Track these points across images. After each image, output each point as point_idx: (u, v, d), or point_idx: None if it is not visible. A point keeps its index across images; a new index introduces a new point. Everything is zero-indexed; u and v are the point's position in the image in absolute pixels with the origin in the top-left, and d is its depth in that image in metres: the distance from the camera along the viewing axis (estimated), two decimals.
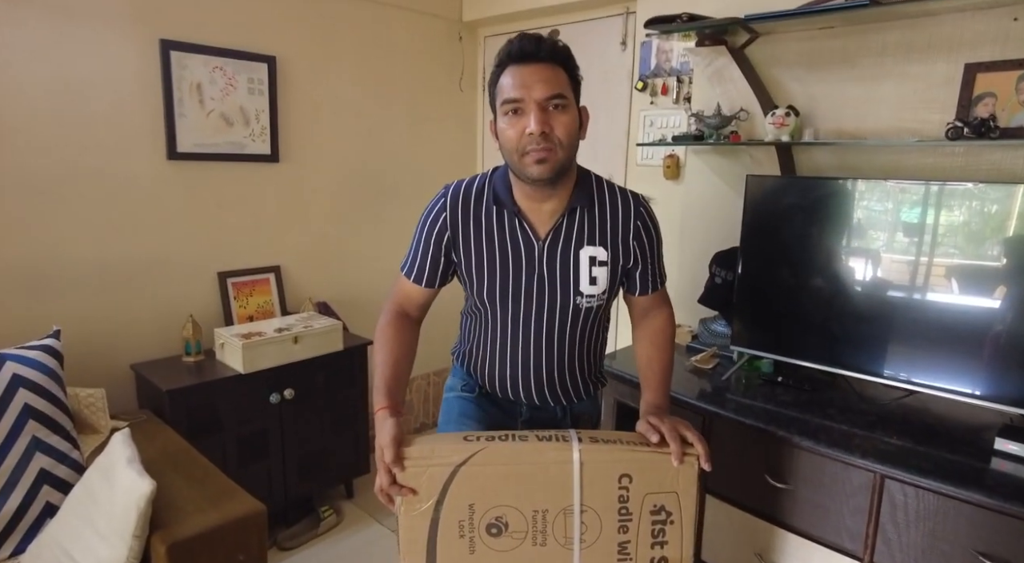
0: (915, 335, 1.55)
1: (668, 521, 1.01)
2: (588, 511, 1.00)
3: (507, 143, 1.05)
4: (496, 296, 1.16)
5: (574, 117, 1.06)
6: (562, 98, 1.03)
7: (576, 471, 0.99)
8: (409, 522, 0.99)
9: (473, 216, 1.15)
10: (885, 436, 1.45)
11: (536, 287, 1.15)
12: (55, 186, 1.92)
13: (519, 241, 1.14)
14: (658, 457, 1.01)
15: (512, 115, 1.03)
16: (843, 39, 1.78)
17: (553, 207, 1.13)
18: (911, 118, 1.68)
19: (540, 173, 1.03)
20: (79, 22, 1.91)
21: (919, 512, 1.31)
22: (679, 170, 2.26)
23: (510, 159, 1.07)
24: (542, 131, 1.01)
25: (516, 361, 1.22)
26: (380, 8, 2.66)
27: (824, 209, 1.69)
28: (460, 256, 1.16)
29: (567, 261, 1.15)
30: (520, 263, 1.14)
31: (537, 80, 1.01)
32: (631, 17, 2.45)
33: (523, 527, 1.00)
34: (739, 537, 1.63)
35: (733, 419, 1.58)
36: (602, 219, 1.16)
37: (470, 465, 0.98)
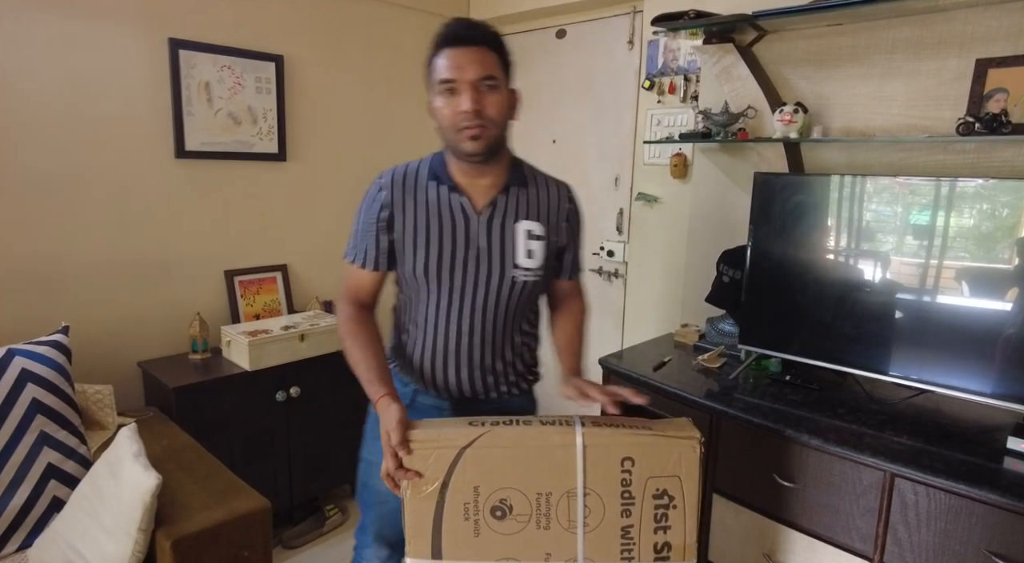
0: (926, 334, 1.53)
1: (671, 505, 1.02)
2: (591, 494, 1.01)
3: (443, 121, 1.11)
4: (434, 270, 1.18)
5: (504, 97, 1.12)
6: (493, 79, 1.09)
7: (579, 454, 1.00)
8: (415, 505, 1.00)
9: (414, 193, 1.18)
10: (895, 435, 1.43)
11: (475, 259, 1.18)
12: (64, 184, 1.94)
13: (456, 215, 1.18)
14: (660, 440, 1.01)
15: (447, 94, 1.09)
16: (852, 36, 1.76)
17: (489, 182, 1.19)
18: (921, 115, 1.67)
19: (474, 148, 1.10)
20: (89, 21, 1.92)
21: (930, 512, 1.30)
22: (686, 169, 2.25)
23: (446, 136, 1.13)
24: (475, 109, 1.07)
25: (451, 339, 1.22)
26: (388, 8, 2.67)
27: (833, 206, 1.67)
28: (398, 231, 1.18)
29: (504, 234, 1.19)
30: (458, 236, 1.18)
31: (470, 62, 1.07)
32: (638, 16, 2.44)
33: (527, 510, 1.00)
34: (747, 537, 1.61)
35: (741, 418, 1.56)
36: (537, 198, 1.24)
37: (475, 448, 0.99)
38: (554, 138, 2.85)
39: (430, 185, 1.19)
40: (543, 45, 2.84)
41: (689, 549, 1.03)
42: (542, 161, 3.00)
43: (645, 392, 1.78)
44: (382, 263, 1.21)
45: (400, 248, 1.19)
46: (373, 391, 1.09)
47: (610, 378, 1.95)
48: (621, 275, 2.65)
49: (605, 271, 2.71)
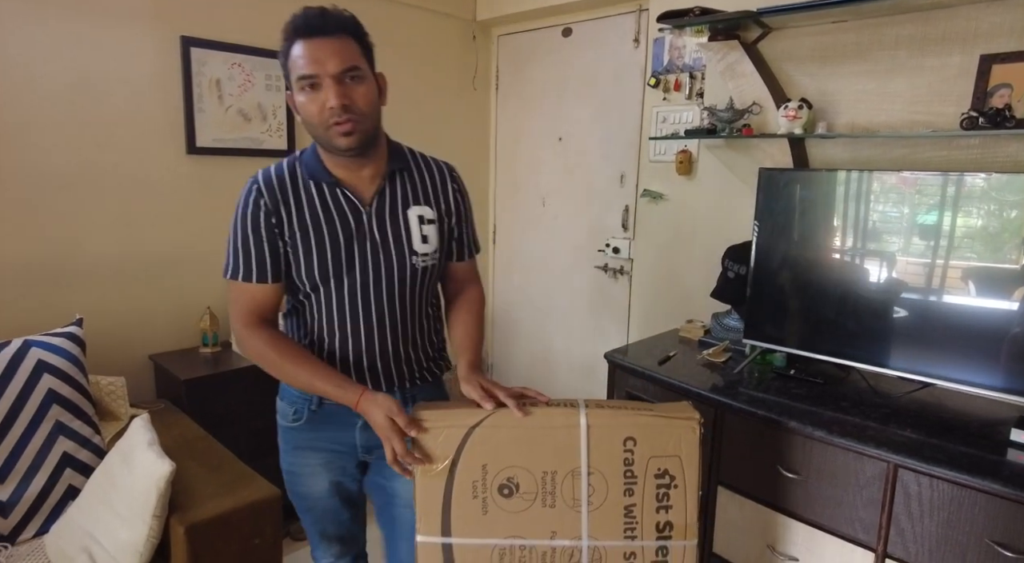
0: (930, 328, 1.54)
1: (672, 485, 1.04)
2: (595, 473, 1.03)
3: (310, 118, 1.05)
4: (329, 273, 1.12)
5: (371, 86, 1.07)
6: (357, 70, 1.04)
7: (583, 434, 1.02)
8: (425, 483, 1.02)
9: (292, 196, 1.11)
10: (898, 428, 1.44)
11: (370, 254, 1.14)
12: (77, 181, 1.97)
13: (344, 210, 1.13)
14: (660, 421, 1.04)
15: (310, 90, 1.03)
16: (856, 33, 1.78)
17: (371, 172, 1.15)
18: (925, 111, 1.68)
19: (348, 144, 1.05)
20: (102, 20, 1.96)
21: (933, 502, 1.31)
22: (692, 165, 2.27)
23: (315, 133, 1.08)
24: (343, 104, 1.02)
25: (359, 336, 1.17)
26: (395, 7, 2.69)
27: (838, 202, 1.68)
28: (287, 237, 1.11)
29: (397, 222, 1.16)
30: (349, 232, 1.12)
31: (329, 54, 1.02)
32: (643, 14, 2.46)
33: (533, 488, 1.03)
34: (751, 528, 1.63)
35: (745, 410, 1.58)
36: (422, 181, 1.21)
37: (483, 427, 1.02)
38: (560, 136, 2.87)
39: (310, 185, 1.12)
40: (549, 43, 2.86)
41: (690, 528, 1.05)
42: (548, 158, 3.04)
43: (650, 386, 1.81)
44: (278, 272, 1.12)
45: (292, 254, 1.12)
46: (351, 392, 1.05)
47: (615, 372, 1.96)
48: (626, 272, 2.67)
49: (611, 268, 2.73)
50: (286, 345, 1.11)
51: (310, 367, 1.09)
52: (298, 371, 1.09)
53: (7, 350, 1.55)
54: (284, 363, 1.09)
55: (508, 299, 3.26)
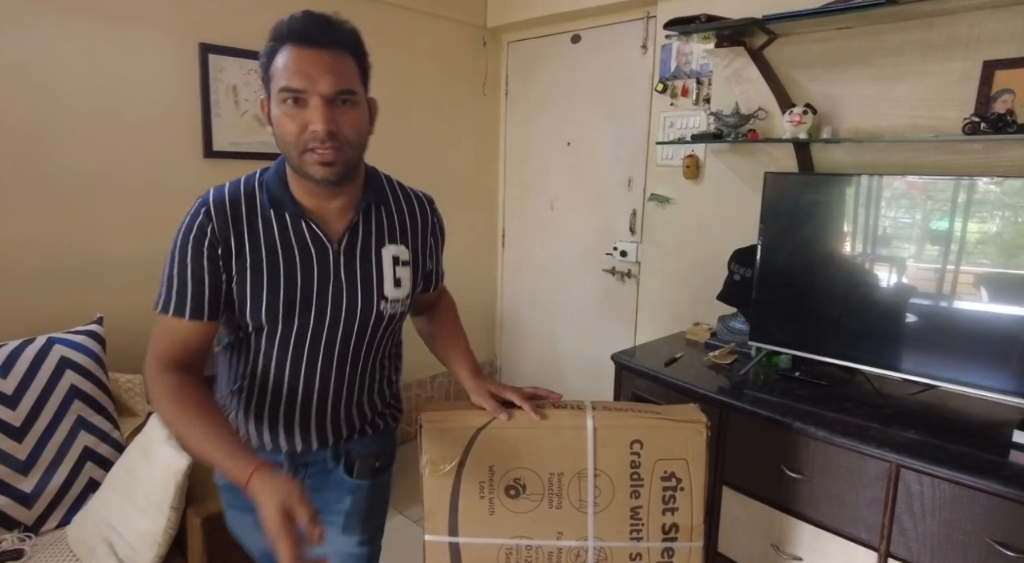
0: (935, 330, 1.56)
1: (678, 488, 1.06)
2: (601, 475, 1.05)
3: (285, 136, 0.91)
4: (278, 315, 0.97)
5: (363, 113, 0.95)
6: (351, 94, 0.91)
7: (590, 436, 1.04)
8: (433, 483, 1.04)
9: (247, 224, 0.95)
10: (901, 429, 1.46)
11: (332, 297, 0.99)
12: (100, 183, 2.03)
13: (308, 246, 0.98)
14: (668, 424, 1.06)
15: (292, 105, 0.89)
16: (860, 39, 1.80)
17: (343, 204, 1.00)
18: (928, 116, 1.70)
19: (325, 175, 0.91)
20: (125, 27, 2.02)
21: (935, 502, 1.32)
22: (698, 170, 2.29)
23: (288, 153, 0.93)
24: (329, 130, 0.89)
25: (303, 384, 1.02)
26: (406, 14, 2.74)
27: (842, 205, 1.71)
28: (234, 273, 0.95)
29: (368, 263, 1.02)
30: (311, 272, 0.98)
31: (324, 71, 0.88)
32: (651, 21, 2.49)
33: (540, 489, 1.05)
34: (755, 528, 1.65)
35: (749, 411, 1.60)
36: (400, 217, 1.07)
37: (490, 429, 1.04)
38: (568, 140, 2.91)
39: (270, 213, 0.97)
40: (558, 50, 2.90)
41: (696, 530, 1.07)
42: (557, 163, 3.08)
43: (657, 387, 1.83)
44: (216, 310, 0.95)
45: (238, 291, 0.96)
46: (242, 465, 0.81)
47: (622, 373, 1.99)
48: (634, 275, 2.69)
49: (618, 271, 2.76)
50: (189, 396, 0.90)
51: (205, 425, 0.87)
52: (191, 429, 0.88)
53: (32, 347, 1.61)
54: (181, 416, 0.89)
55: (516, 302, 3.29)
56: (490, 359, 3.42)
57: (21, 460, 1.52)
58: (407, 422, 3.04)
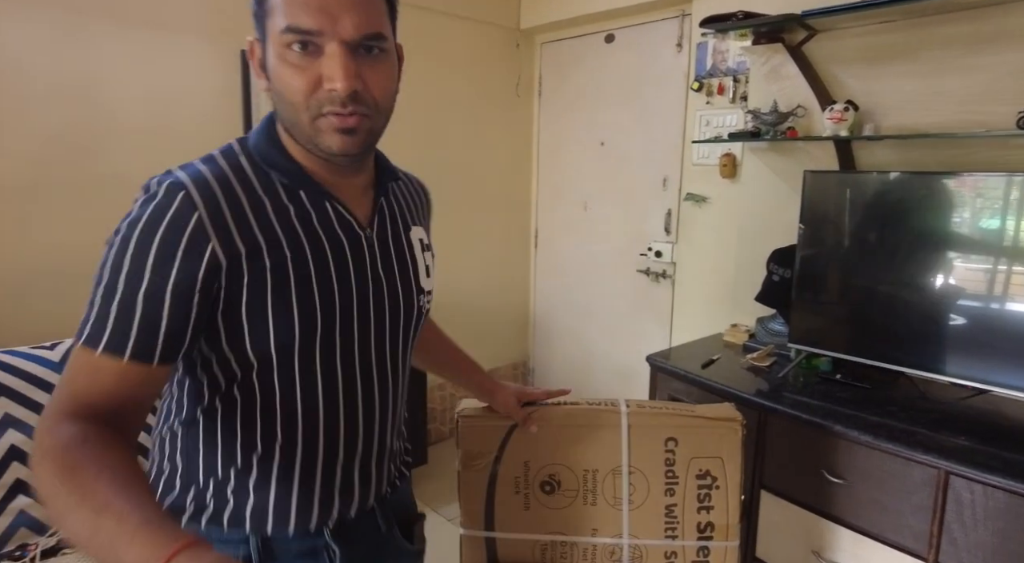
0: (987, 333, 1.50)
1: (714, 486, 1.05)
2: (636, 472, 1.05)
3: (291, 95, 0.66)
4: (316, 331, 0.71)
5: (394, 67, 0.72)
6: (381, 40, 0.68)
7: (624, 433, 1.04)
8: (469, 477, 1.06)
9: (251, 209, 0.68)
10: (951, 435, 1.41)
11: (373, 298, 0.77)
12: None
13: (337, 234, 0.74)
14: (703, 422, 1.06)
15: (300, 52, 0.64)
16: (904, 33, 1.75)
17: (365, 181, 0.80)
18: (978, 110, 1.64)
19: (344, 147, 0.68)
20: (169, 38, 2.09)
21: (988, 511, 1.28)
22: (736, 168, 2.26)
23: (292, 118, 0.68)
24: (353, 89, 0.65)
25: (345, 425, 0.76)
26: (441, 18, 2.78)
27: (886, 203, 1.66)
28: (245, 283, 0.66)
29: (401, 250, 0.83)
30: (346, 268, 0.73)
31: (345, 6, 0.64)
32: (686, 19, 2.47)
33: (574, 486, 1.05)
34: (795, 533, 1.61)
35: (789, 414, 1.57)
36: (408, 195, 0.90)
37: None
38: (602, 140, 2.90)
39: (279, 192, 0.71)
40: (592, 50, 2.90)
41: (732, 529, 1.06)
42: (590, 163, 3.07)
43: (693, 389, 1.81)
44: (175, 349, 0.64)
45: (252, 308, 0.67)
46: (161, 540, 0.48)
47: (657, 375, 1.97)
48: (669, 276, 2.66)
49: (653, 272, 2.73)
50: (92, 453, 0.56)
51: (116, 485, 0.53)
52: (94, 490, 0.52)
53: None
54: (65, 481, 0.53)
55: (549, 302, 3.29)
56: (523, 359, 3.43)
57: None
58: (441, 422, 3.07)
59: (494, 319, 3.25)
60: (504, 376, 3.33)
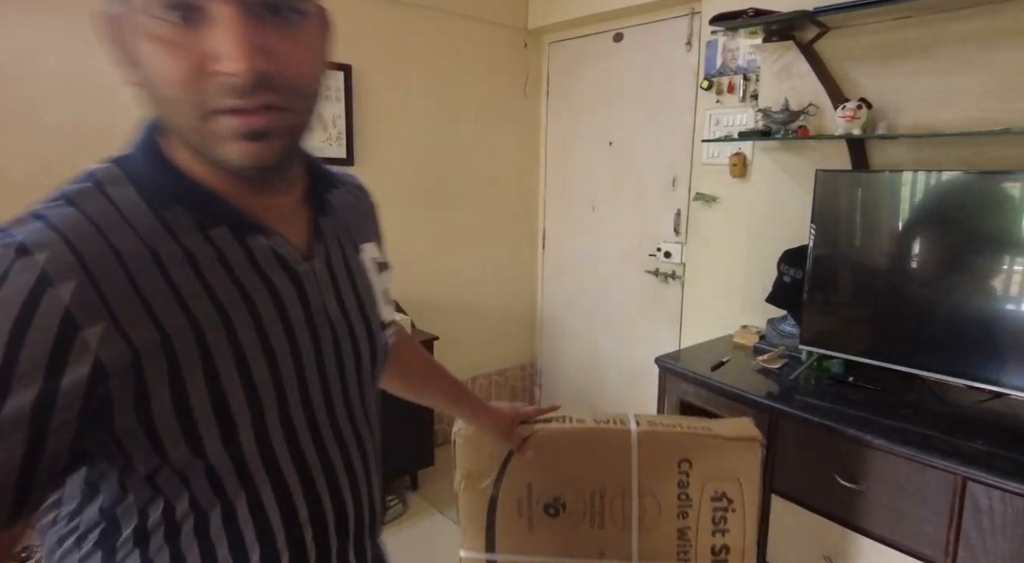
0: (1005, 335, 1.46)
1: (730, 508, 1.01)
2: (647, 496, 1.00)
3: (166, 88, 0.48)
4: (260, 408, 0.53)
5: (317, 34, 0.55)
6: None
7: (634, 455, 0.99)
8: (469, 498, 1.01)
9: (149, 264, 0.49)
10: (967, 439, 1.38)
11: (327, 351, 0.59)
12: None
13: (268, 276, 0.55)
14: (719, 443, 1.00)
15: (176, 23, 0.46)
16: (919, 29, 1.72)
17: (294, 196, 0.61)
18: (997, 108, 1.61)
19: (255, 158, 0.49)
20: None
21: (1007, 518, 1.24)
22: (746, 168, 2.23)
23: (175, 120, 0.50)
24: (254, 70, 0.46)
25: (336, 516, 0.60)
26: (450, 18, 2.77)
27: (900, 203, 1.63)
28: (146, 374, 0.47)
29: (352, 279, 0.64)
30: (286, 317, 0.56)
31: None
32: (696, 17, 2.44)
33: (580, 508, 1.01)
34: (807, 539, 1.58)
35: (800, 417, 1.54)
36: (351, 204, 0.71)
37: (526, 445, 1.00)
38: (610, 140, 2.88)
39: (182, 230, 0.51)
40: (600, 49, 2.87)
41: (748, 551, 1.02)
42: (598, 163, 3.05)
43: (703, 391, 1.79)
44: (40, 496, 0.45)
45: (163, 403, 0.48)
46: None
47: (666, 377, 1.95)
48: (678, 276, 2.64)
49: (662, 272, 2.71)
50: None
51: None
52: None
53: None
54: None
55: (557, 303, 3.27)
56: (531, 360, 3.41)
57: None
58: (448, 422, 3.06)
59: (502, 320, 3.23)
60: (512, 377, 3.32)
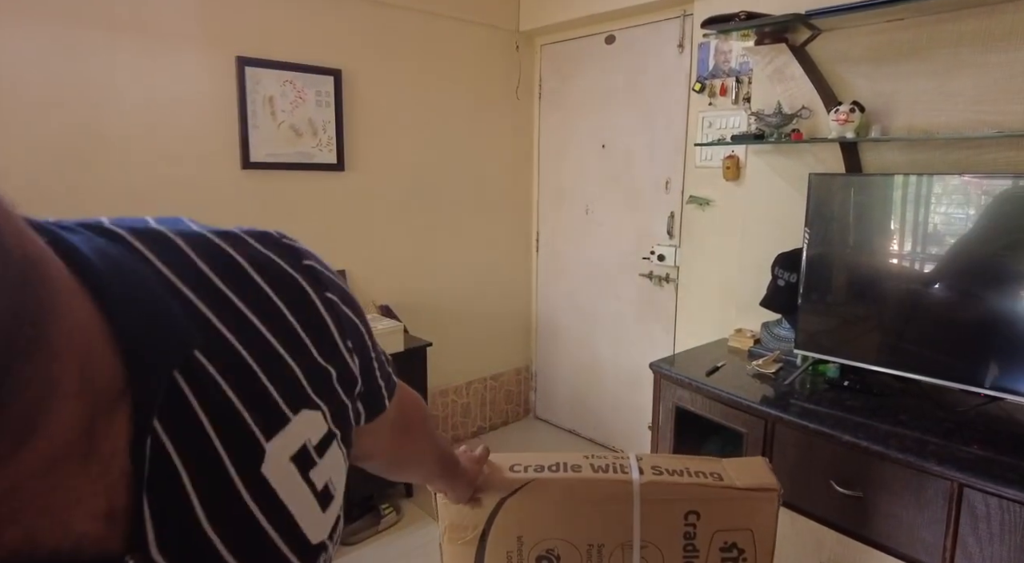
0: (1000, 339, 1.46)
1: (741, 559, 0.94)
2: (649, 547, 0.93)
3: None
4: None
5: None
6: None
7: (636, 507, 0.92)
8: (453, 551, 0.95)
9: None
10: (963, 444, 1.37)
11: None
12: (145, 196, 2.08)
13: None
14: (732, 494, 0.94)
15: None
16: (913, 31, 1.71)
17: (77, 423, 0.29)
18: (991, 110, 1.60)
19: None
20: (164, 44, 2.07)
21: (1004, 525, 1.23)
22: (739, 171, 2.22)
23: None
24: None
25: None
26: (440, 21, 2.74)
27: (894, 206, 1.62)
28: None
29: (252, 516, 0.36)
30: None
31: None
32: (688, 19, 2.43)
33: (576, 561, 0.94)
34: (804, 545, 1.57)
35: (797, 423, 1.53)
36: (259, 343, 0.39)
37: (516, 497, 0.93)
38: (603, 143, 2.86)
39: None
40: (592, 51, 2.86)
41: None
42: (592, 166, 3.04)
43: (698, 397, 1.77)
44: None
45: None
46: None
47: (661, 382, 1.94)
48: (672, 279, 2.62)
49: (656, 276, 2.69)
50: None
51: None
52: None
53: None
54: None
55: (552, 307, 3.26)
56: (525, 364, 3.39)
57: None
58: (443, 429, 3.04)
59: (496, 324, 3.21)
60: (507, 382, 3.30)
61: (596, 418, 3.07)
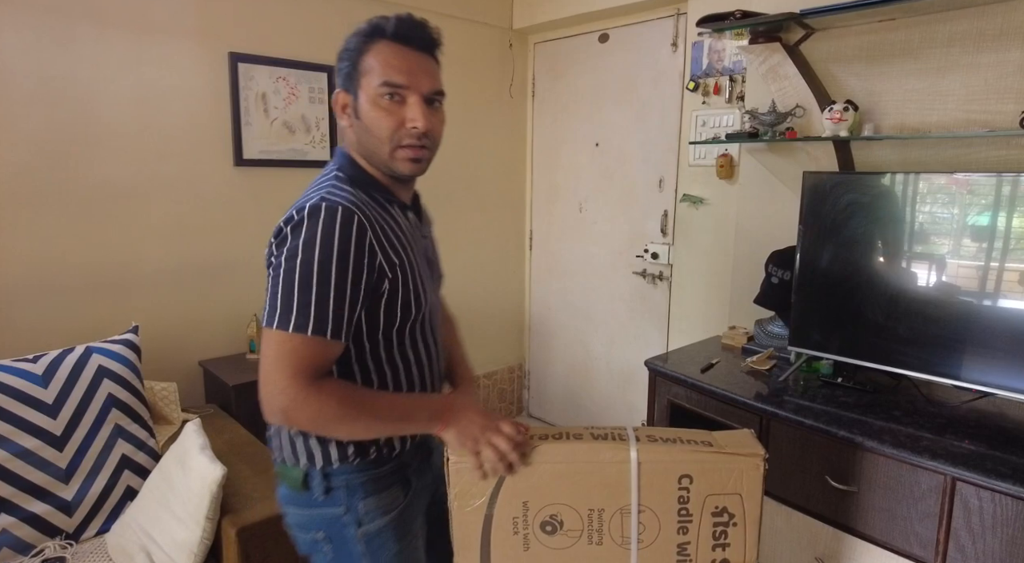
0: (989, 335, 1.48)
1: (731, 523, 0.99)
2: (646, 511, 0.99)
3: (379, 131, 0.94)
4: (422, 302, 1.00)
5: (445, 115, 1.04)
6: (442, 96, 1.00)
7: (633, 472, 0.97)
8: (462, 518, 0.99)
9: (384, 222, 0.97)
10: (955, 439, 1.39)
11: (433, 278, 1.10)
12: (135, 192, 2.06)
13: (418, 234, 1.06)
14: (721, 458, 0.99)
15: (389, 100, 0.94)
16: (905, 31, 1.73)
17: (410, 195, 1.09)
18: (981, 109, 1.62)
19: (413, 171, 0.98)
20: (156, 39, 2.05)
21: (996, 518, 1.25)
22: (733, 169, 2.23)
23: (376, 148, 0.96)
24: (427, 128, 0.96)
25: (437, 365, 1.09)
26: (432, 18, 2.70)
27: (886, 204, 1.64)
28: (397, 272, 0.95)
29: (433, 244, 1.15)
30: (424, 258, 1.05)
31: (424, 71, 0.97)
32: (682, 18, 2.44)
33: (578, 525, 0.99)
34: (799, 540, 1.59)
35: (791, 419, 1.54)
36: (422, 207, 1.16)
37: (522, 465, 0.98)
38: (597, 141, 2.87)
39: (387, 207, 1.00)
40: (586, 50, 2.86)
41: None
42: (586, 164, 3.03)
43: (692, 394, 1.79)
44: (350, 330, 0.92)
45: (401, 288, 0.96)
46: (436, 407, 0.97)
47: (656, 380, 1.94)
48: (666, 277, 2.64)
49: (649, 274, 2.70)
50: (349, 387, 0.94)
51: (383, 395, 0.97)
52: (375, 403, 0.93)
53: (71, 357, 1.63)
54: (363, 401, 0.92)
55: (545, 305, 3.26)
56: (519, 363, 3.39)
57: (62, 468, 1.54)
58: None
59: (490, 322, 3.21)
60: (501, 380, 3.30)
61: (589, 416, 3.07)
